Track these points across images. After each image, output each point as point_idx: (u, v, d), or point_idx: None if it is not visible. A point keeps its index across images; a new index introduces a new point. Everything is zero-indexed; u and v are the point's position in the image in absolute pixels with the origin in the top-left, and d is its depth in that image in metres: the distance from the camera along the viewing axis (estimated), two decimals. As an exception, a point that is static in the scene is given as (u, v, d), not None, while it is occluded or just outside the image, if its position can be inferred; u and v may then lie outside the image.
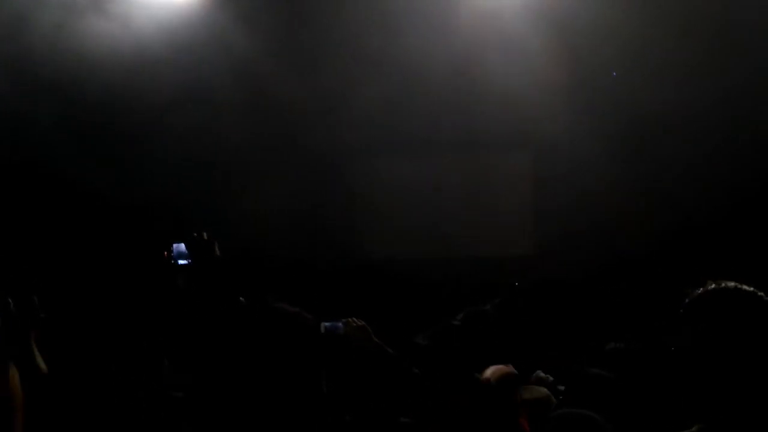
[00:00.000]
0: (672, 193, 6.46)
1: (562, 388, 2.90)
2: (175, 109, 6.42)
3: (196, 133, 6.81)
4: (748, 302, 1.52)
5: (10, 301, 1.99)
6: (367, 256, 7.45)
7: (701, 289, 1.59)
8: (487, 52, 6.34)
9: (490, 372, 2.32)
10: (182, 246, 2.23)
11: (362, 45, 6.46)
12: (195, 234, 2.29)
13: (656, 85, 6.18)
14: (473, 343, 2.85)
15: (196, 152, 6.91)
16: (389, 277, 6.93)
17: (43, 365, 2.15)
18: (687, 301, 1.59)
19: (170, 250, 2.21)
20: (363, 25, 6.27)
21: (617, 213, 6.51)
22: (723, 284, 1.57)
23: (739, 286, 1.57)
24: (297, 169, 7.26)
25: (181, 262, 2.21)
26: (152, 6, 6.17)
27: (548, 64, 6.29)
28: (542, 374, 3.14)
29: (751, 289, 1.56)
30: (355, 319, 2.48)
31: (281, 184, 7.05)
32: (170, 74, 6.30)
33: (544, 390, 2.78)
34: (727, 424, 1.45)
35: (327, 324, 2.28)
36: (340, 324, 2.42)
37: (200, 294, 2.17)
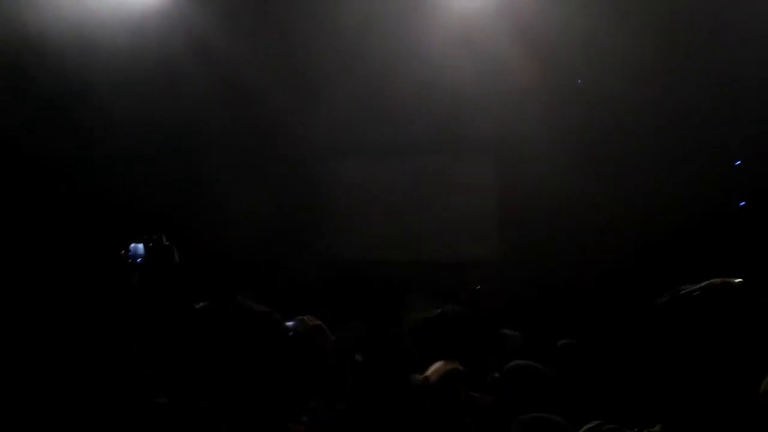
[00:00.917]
0: (640, 200, 6.56)
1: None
2: (146, 104, 6.38)
3: (165, 129, 6.78)
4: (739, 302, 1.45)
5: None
6: (333, 256, 7.49)
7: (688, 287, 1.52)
8: (458, 58, 6.40)
9: (433, 369, 2.34)
10: (140, 247, 2.20)
11: (336, 49, 6.47)
12: (154, 236, 2.20)
13: (625, 93, 6.26)
14: (441, 342, 2.87)
15: (165, 149, 6.87)
16: (354, 277, 6.98)
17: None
18: (675, 298, 1.51)
19: (127, 250, 2.19)
20: (338, 30, 6.28)
21: (583, 220, 6.57)
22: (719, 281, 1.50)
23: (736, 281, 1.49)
24: (266, 168, 7.26)
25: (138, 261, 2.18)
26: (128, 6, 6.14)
27: (518, 70, 6.36)
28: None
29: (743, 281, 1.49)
30: (309, 317, 2.48)
31: (251, 183, 7.03)
32: (141, 70, 6.25)
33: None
34: (691, 426, 1.42)
35: None
36: (294, 323, 2.43)
37: (155, 296, 2.14)
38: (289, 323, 2.35)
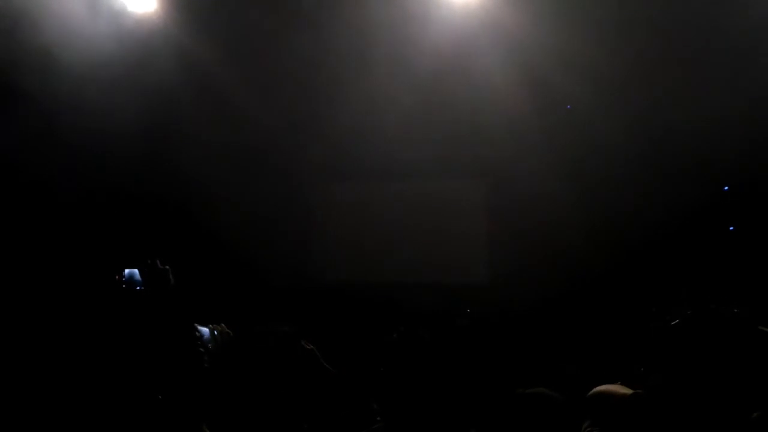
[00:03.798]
0: (631, 223, 6.57)
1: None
2: (139, 123, 6.37)
3: (158, 149, 6.78)
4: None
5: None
6: (324, 277, 7.48)
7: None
8: (452, 82, 6.45)
9: None
10: (135, 273, 2.18)
11: (330, 70, 6.51)
12: (149, 261, 2.19)
13: (616, 112, 6.33)
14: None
15: (156, 165, 6.87)
16: (344, 299, 6.96)
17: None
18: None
19: (122, 275, 2.18)
20: (332, 51, 6.31)
21: (574, 243, 6.60)
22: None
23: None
24: (259, 187, 7.25)
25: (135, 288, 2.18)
26: (113, 20, 6.02)
27: (510, 95, 6.39)
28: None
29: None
30: (303, 341, 2.46)
31: (243, 201, 7.03)
32: (131, 91, 6.22)
33: None
34: None
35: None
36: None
37: (153, 320, 2.14)
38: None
